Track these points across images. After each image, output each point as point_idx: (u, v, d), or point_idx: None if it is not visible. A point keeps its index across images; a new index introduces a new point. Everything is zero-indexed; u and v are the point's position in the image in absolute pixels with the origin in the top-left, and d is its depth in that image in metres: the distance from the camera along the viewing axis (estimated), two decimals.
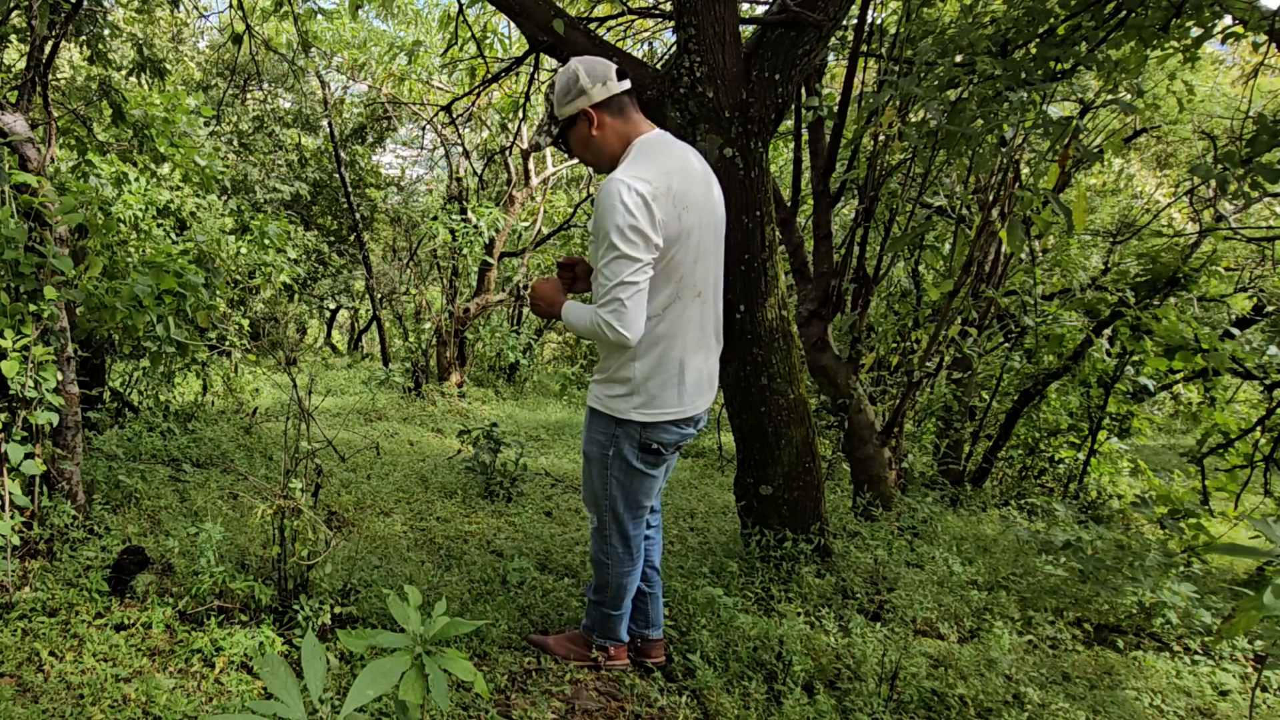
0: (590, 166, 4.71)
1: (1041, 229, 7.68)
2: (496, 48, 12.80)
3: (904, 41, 7.96)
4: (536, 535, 8.08)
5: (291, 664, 3.58)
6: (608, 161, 4.76)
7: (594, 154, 4.75)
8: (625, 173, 4.47)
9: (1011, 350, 11.15)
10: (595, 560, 5.33)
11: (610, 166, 4.71)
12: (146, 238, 10.19)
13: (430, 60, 18.99)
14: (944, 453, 11.02)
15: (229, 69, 21.89)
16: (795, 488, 7.01)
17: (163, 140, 10.81)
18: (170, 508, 7.72)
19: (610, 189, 4.40)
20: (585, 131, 4.68)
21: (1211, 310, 11.09)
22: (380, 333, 22.72)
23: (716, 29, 6.16)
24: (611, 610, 5.41)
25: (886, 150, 8.18)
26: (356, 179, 23.61)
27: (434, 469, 10.54)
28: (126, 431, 9.80)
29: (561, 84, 4.66)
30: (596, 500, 5.16)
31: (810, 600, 6.55)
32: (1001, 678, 5.60)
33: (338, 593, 5.99)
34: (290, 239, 13.17)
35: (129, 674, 4.89)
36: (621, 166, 4.60)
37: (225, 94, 21.19)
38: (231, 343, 11.98)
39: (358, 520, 8.16)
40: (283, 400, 14.65)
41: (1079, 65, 6.63)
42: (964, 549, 8.13)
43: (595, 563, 5.34)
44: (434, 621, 3.54)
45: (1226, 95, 16.37)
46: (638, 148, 4.68)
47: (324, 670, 3.07)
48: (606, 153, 4.75)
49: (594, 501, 5.18)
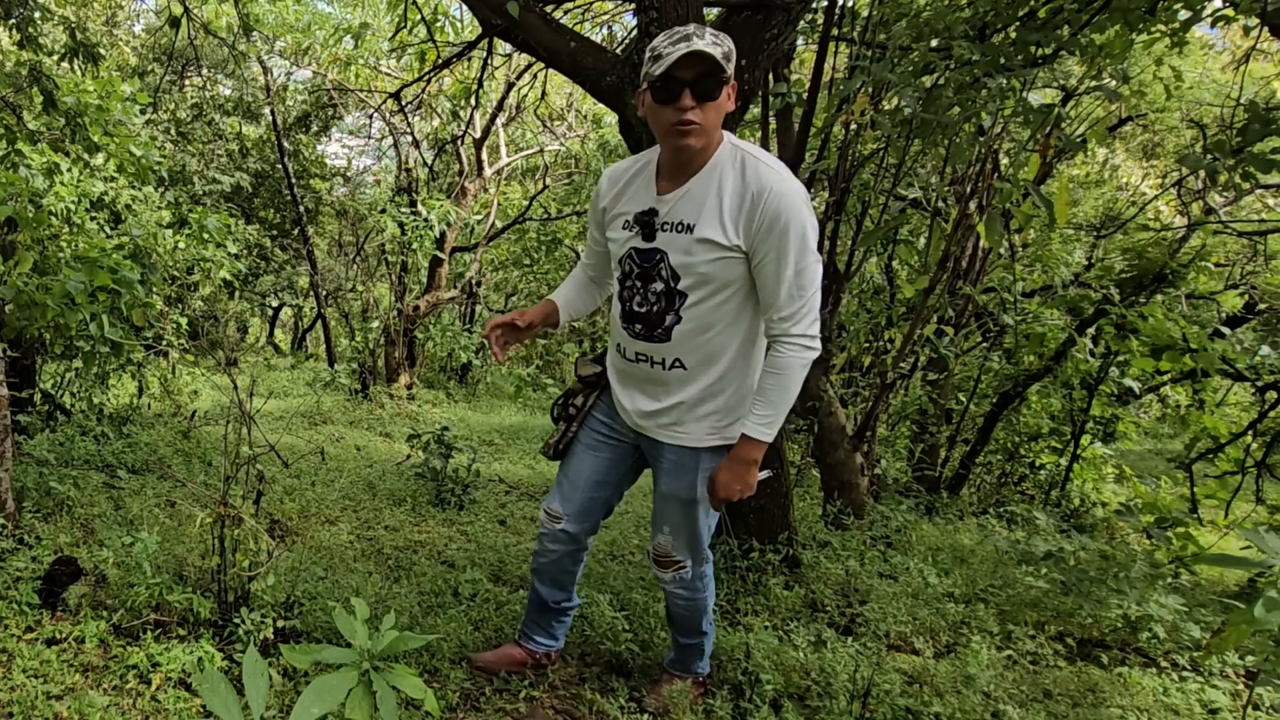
0: (691, 144, 4.28)
1: (1022, 223, 7.72)
2: (448, 31, 12.80)
3: (877, 25, 7.97)
4: (490, 545, 8.09)
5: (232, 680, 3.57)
6: (712, 146, 4.44)
7: (712, 131, 4.36)
8: (787, 175, 4.36)
9: (990, 350, 11.18)
10: (690, 606, 5.23)
11: (704, 152, 4.41)
12: (79, 231, 10.13)
13: (378, 44, 18.97)
14: (919, 458, 11.04)
15: (166, 54, 21.72)
16: (762, 495, 6.93)
17: (96, 129, 10.76)
18: (104, 516, 7.68)
19: (795, 189, 4.31)
20: (727, 103, 4.32)
21: (1200, 308, 11.15)
22: (325, 332, 22.63)
23: (679, 11, 6.13)
24: (709, 635, 5.45)
25: (858, 140, 8.19)
26: (300, 170, 23.55)
27: (382, 475, 10.56)
28: (58, 436, 9.74)
29: (729, 45, 4.24)
30: (699, 545, 5.05)
31: (778, 613, 6.56)
32: (979, 695, 5.61)
33: (281, 605, 5.93)
34: (231, 233, 13.08)
35: (61, 691, 4.86)
36: (764, 162, 4.38)
37: (162, 80, 21.12)
38: (169, 342, 11.91)
39: (302, 529, 8.15)
40: (223, 403, 14.63)
41: (1061, 50, 6.65)
42: (940, 559, 8.15)
43: (690, 609, 5.24)
44: (382, 636, 3.55)
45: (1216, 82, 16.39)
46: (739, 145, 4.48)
47: (266, 687, 3.07)
48: (717, 138, 4.46)
49: (695, 547, 5.05)
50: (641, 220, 4.52)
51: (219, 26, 17.74)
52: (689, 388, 4.65)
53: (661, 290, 4.51)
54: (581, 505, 5.19)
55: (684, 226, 4.41)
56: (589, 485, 5.17)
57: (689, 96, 4.11)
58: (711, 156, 4.40)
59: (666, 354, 4.60)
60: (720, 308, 4.48)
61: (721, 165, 4.39)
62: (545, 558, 5.36)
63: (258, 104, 23.44)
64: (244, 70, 22.84)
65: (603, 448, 5.15)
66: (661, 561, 5.07)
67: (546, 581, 5.45)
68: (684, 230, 4.40)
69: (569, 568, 5.42)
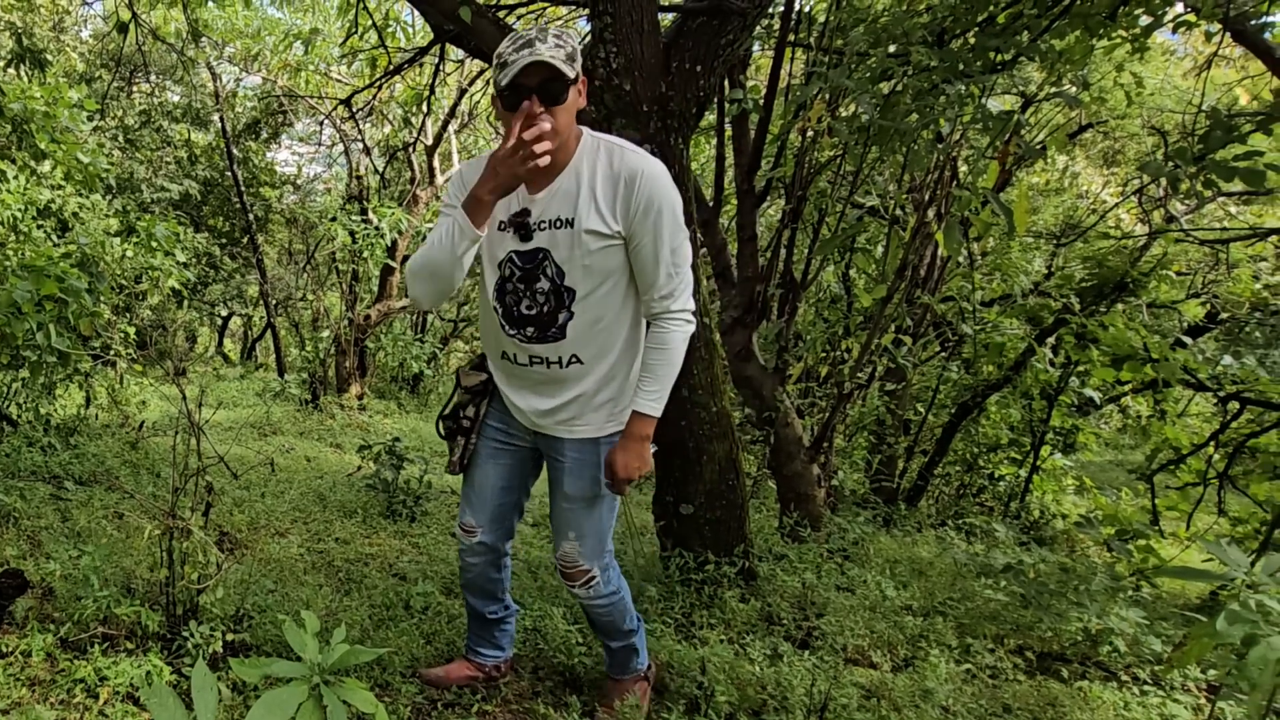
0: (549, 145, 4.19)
1: (981, 231, 7.70)
2: (399, 37, 12.83)
3: (834, 30, 7.97)
4: (442, 558, 8.07)
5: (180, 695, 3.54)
6: (570, 145, 4.49)
7: (566, 130, 4.39)
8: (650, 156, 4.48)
9: (949, 360, 11.21)
10: (611, 610, 5.22)
11: (563, 153, 4.44)
12: (26, 240, 10.10)
13: (328, 50, 18.92)
14: (877, 469, 11.04)
15: (114, 60, 21.69)
16: (718, 507, 7.00)
17: (43, 136, 10.73)
18: (51, 528, 7.66)
19: (661, 169, 4.45)
20: (577, 101, 4.39)
21: (1162, 317, 11.18)
22: (275, 341, 22.54)
23: (634, 17, 6.14)
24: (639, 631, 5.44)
25: (815, 147, 8.18)
26: (250, 177, 23.44)
27: (332, 487, 10.53)
28: (4, 447, 9.70)
29: (573, 41, 4.31)
30: (604, 543, 5.08)
31: (734, 626, 6.54)
32: (938, 709, 5.61)
33: (230, 619, 5.88)
34: (179, 241, 13.05)
35: (7, 705, 4.81)
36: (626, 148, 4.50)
37: (110, 86, 21.07)
38: (117, 352, 11.87)
39: (251, 541, 8.12)
40: (171, 413, 14.57)
41: (1020, 56, 6.65)
42: (898, 572, 8.15)
43: (611, 613, 5.23)
44: (332, 649, 3.51)
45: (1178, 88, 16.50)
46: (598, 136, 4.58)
47: (215, 701, 3.05)
48: (574, 132, 4.51)
49: (601, 548, 5.07)
50: (516, 221, 4.56)
51: (167, 32, 17.68)
52: (586, 380, 4.75)
53: (549, 289, 4.56)
54: (492, 514, 5.23)
55: (563, 222, 4.48)
56: (495, 493, 5.21)
57: (536, 103, 4.19)
58: (574, 152, 4.50)
59: (563, 352, 4.66)
60: (608, 297, 4.59)
61: (585, 157, 4.50)
62: (470, 572, 5.40)
63: (206, 111, 23.38)
64: (193, 76, 22.78)
65: (502, 454, 5.18)
66: (571, 574, 5.06)
67: (477, 594, 5.49)
68: (564, 225, 4.48)
69: (494, 575, 5.44)
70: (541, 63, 4.07)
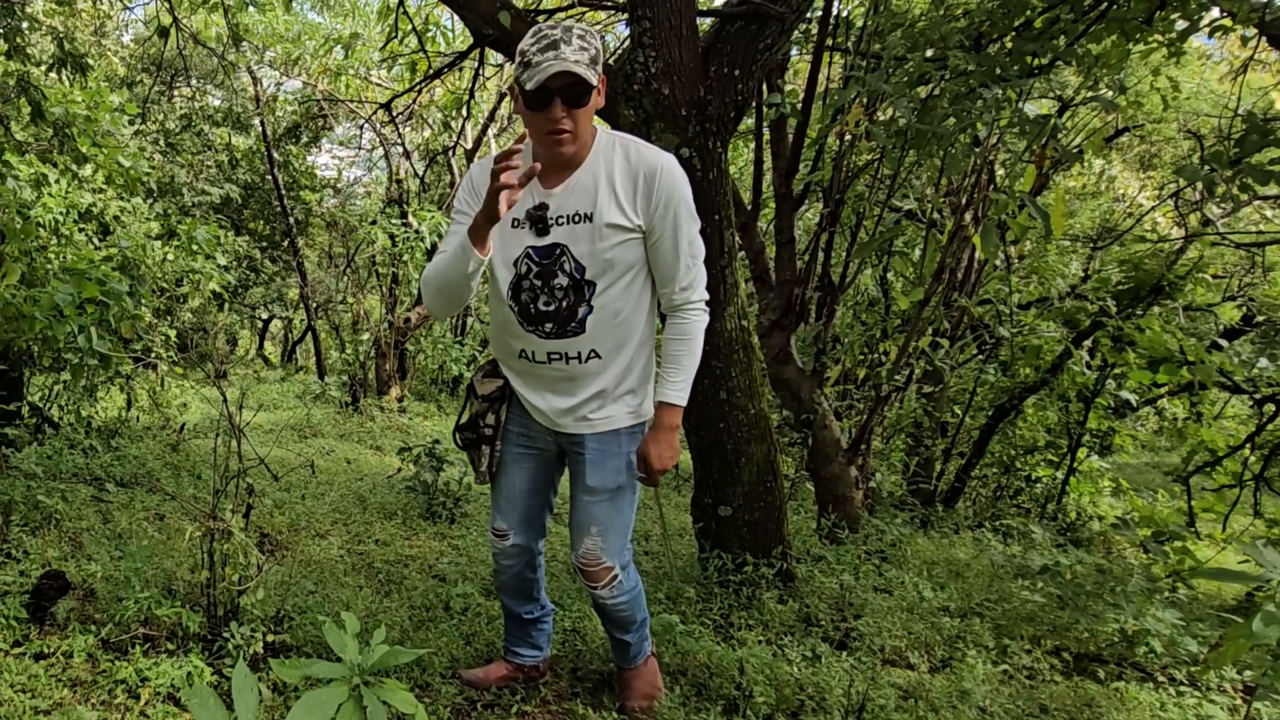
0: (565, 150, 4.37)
1: (1018, 234, 7.74)
2: (439, 41, 12.79)
3: (871, 35, 7.98)
4: (481, 559, 8.05)
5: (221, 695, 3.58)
6: (588, 143, 4.54)
7: (586, 131, 4.47)
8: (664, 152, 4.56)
9: (986, 362, 11.18)
10: (630, 605, 5.18)
11: (581, 149, 4.50)
12: (67, 243, 10.12)
13: (368, 54, 18.96)
14: (914, 471, 11.02)
15: (155, 64, 21.71)
16: (756, 509, 7.02)
17: (85, 140, 10.79)
18: (93, 530, 7.66)
19: (676, 163, 4.53)
20: (597, 101, 4.43)
21: (1198, 320, 11.14)
22: (315, 344, 22.65)
23: (673, 22, 6.16)
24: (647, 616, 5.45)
25: (853, 150, 8.21)
26: (290, 181, 23.46)
27: (372, 489, 10.55)
28: (46, 449, 9.72)
29: (596, 42, 4.36)
30: (626, 538, 5.08)
31: (772, 628, 6.56)
32: (975, 710, 5.61)
33: (270, 620, 5.93)
34: (220, 244, 13.07)
35: (49, 706, 4.84)
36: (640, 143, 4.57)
37: (151, 91, 21.10)
38: (158, 355, 11.91)
39: (292, 543, 8.14)
40: (212, 416, 14.55)
41: (1057, 60, 6.67)
42: (935, 573, 8.15)
43: (630, 607, 5.19)
44: (372, 650, 3.55)
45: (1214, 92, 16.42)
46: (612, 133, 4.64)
47: (256, 702, 3.07)
48: (590, 133, 4.55)
49: (623, 543, 5.06)
50: (533, 216, 4.56)
51: (208, 36, 17.78)
52: (605, 374, 4.76)
53: (568, 284, 4.56)
54: (522, 517, 5.23)
55: (582, 217, 4.51)
56: (523, 496, 5.21)
57: (559, 105, 4.23)
58: (590, 148, 4.55)
59: (582, 347, 4.67)
60: (627, 290, 4.63)
61: (603, 153, 4.55)
62: (505, 574, 5.38)
63: (247, 115, 23.39)
64: (233, 81, 22.82)
65: (526, 458, 5.16)
66: (593, 573, 4.98)
67: (512, 595, 5.47)
68: (583, 220, 4.51)
69: (528, 576, 5.42)
70: (567, 71, 4.10)
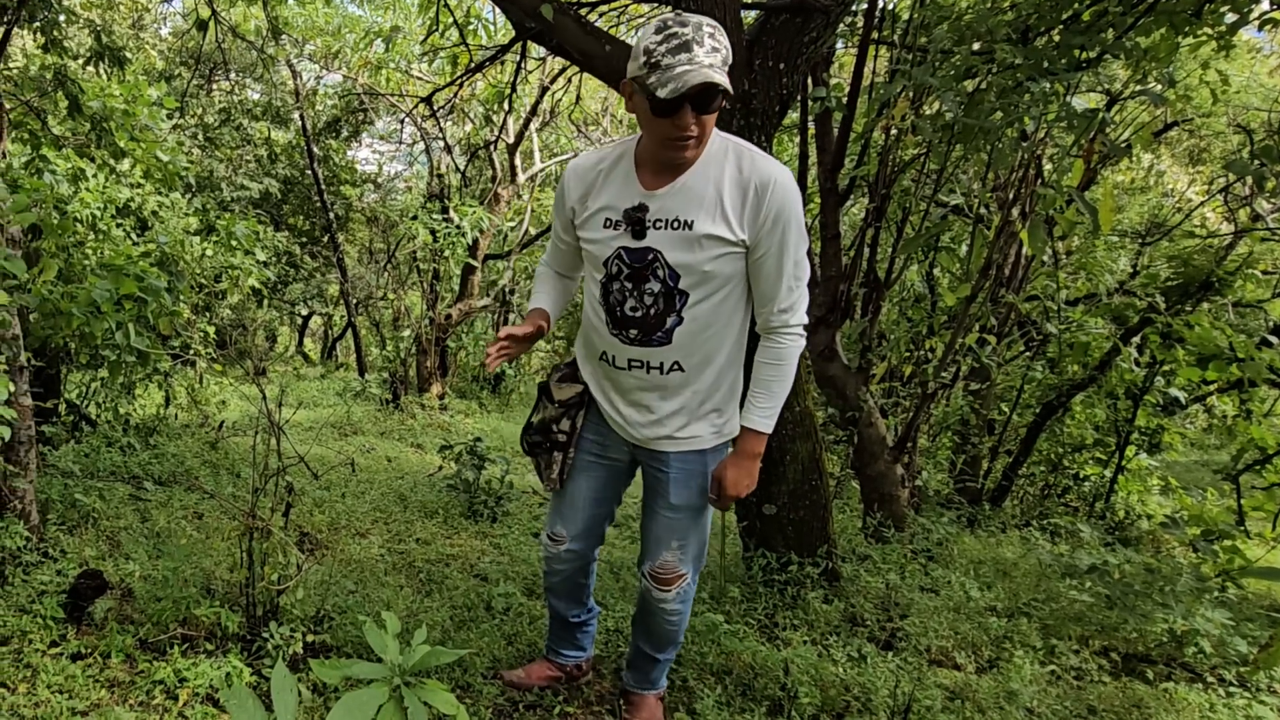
0: (689, 156, 4.19)
1: (1065, 229, 7.68)
2: (480, 34, 12.79)
3: (918, 28, 7.94)
4: (523, 559, 8.06)
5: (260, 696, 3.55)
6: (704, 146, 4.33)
7: (709, 135, 4.25)
8: (780, 165, 4.31)
9: (1033, 360, 11.14)
10: (680, 618, 5.10)
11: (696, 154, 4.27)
12: (105, 238, 10.12)
13: (409, 48, 18.95)
14: (960, 469, 10.99)
15: (193, 57, 21.83)
16: (801, 507, 7.00)
17: (122, 134, 10.80)
18: (131, 528, 7.68)
19: (791, 179, 4.25)
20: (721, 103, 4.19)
21: (1248, 316, 11.06)
22: (356, 341, 22.63)
23: (717, 15, 6.10)
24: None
25: (899, 145, 8.16)
26: (330, 175, 23.55)
27: (413, 487, 10.55)
28: (84, 446, 9.76)
29: (725, 41, 4.10)
30: (704, 550, 5.02)
31: (817, 627, 6.54)
32: (1022, 711, 5.59)
33: (310, 619, 5.93)
34: (259, 240, 13.11)
35: (86, 707, 4.84)
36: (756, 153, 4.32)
37: (189, 84, 21.08)
38: (196, 351, 11.92)
39: (332, 542, 8.14)
40: (251, 413, 14.62)
41: (1105, 54, 6.61)
42: (982, 573, 8.12)
43: (679, 621, 5.11)
44: (413, 651, 3.53)
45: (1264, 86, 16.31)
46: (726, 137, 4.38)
47: (295, 703, 3.06)
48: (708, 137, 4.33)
49: (700, 554, 5.00)
50: (631, 217, 4.36)
51: (247, 30, 17.79)
52: (688, 390, 4.60)
53: (659, 291, 4.38)
54: (584, 525, 5.13)
55: (681, 223, 4.28)
56: (588, 504, 5.11)
57: (690, 112, 4.02)
58: (703, 152, 4.29)
59: (665, 358, 4.51)
60: (720, 305, 4.42)
61: (714, 159, 4.29)
62: (555, 577, 5.30)
63: (287, 109, 23.47)
64: (273, 74, 22.86)
65: (596, 467, 5.06)
66: (664, 579, 4.91)
67: (562, 598, 5.40)
68: (682, 227, 4.28)
69: (580, 581, 5.36)
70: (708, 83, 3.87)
